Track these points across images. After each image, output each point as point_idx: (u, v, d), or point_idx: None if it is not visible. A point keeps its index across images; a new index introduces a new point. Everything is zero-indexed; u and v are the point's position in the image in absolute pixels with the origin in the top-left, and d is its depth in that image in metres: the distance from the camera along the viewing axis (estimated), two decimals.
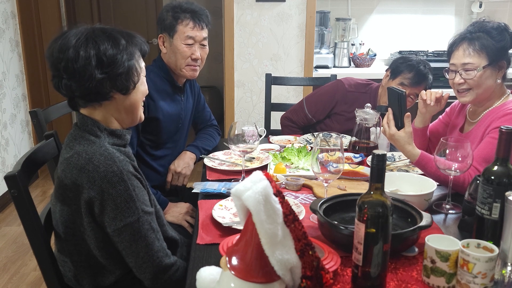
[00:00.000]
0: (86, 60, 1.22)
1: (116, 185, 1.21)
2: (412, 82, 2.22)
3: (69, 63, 1.23)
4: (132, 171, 1.27)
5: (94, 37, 1.25)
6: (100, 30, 1.28)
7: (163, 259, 1.30)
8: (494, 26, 1.70)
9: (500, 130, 1.21)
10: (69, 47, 1.23)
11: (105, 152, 1.25)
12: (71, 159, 1.24)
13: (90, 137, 1.28)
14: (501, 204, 1.19)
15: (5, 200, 3.46)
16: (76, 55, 1.22)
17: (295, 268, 0.99)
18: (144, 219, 1.26)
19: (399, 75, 2.25)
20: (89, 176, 1.21)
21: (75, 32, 1.26)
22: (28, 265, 2.75)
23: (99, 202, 1.21)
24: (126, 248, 1.26)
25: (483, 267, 1.03)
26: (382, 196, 1.03)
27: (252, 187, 0.97)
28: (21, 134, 3.80)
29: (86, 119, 1.30)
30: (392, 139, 1.74)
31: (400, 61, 2.28)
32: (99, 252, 1.29)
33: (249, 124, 1.73)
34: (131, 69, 1.29)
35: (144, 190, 1.31)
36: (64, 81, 1.26)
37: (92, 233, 1.26)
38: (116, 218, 1.23)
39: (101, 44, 1.24)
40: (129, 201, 1.23)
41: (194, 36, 1.96)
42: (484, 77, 1.69)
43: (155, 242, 1.29)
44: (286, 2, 3.58)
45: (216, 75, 5.83)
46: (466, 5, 4.04)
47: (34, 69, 4.08)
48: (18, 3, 3.75)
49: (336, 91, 2.44)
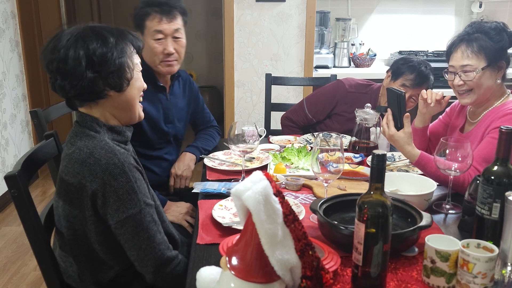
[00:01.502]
0: (76, 60, 1.23)
1: (118, 177, 1.23)
2: (414, 83, 2.22)
3: (60, 64, 1.24)
4: (133, 163, 1.29)
5: (83, 37, 1.26)
6: (90, 29, 1.29)
7: (165, 252, 1.31)
8: (492, 27, 1.70)
9: (500, 130, 1.21)
10: (60, 48, 1.25)
11: (105, 145, 1.26)
12: (73, 154, 1.26)
13: (90, 133, 1.30)
14: (501, 204, 1.19)
15: (5, 200, 3.46)
16: (66, 55, 1.24)
17: (295, 268, 0.99)
18: (146, 211, 1.28)
19: (400, 77, 2.24)
20: (91, 169, 1.22)
21: (66, 32, 1.28)
22: (28, 265, 2.75)
23: (102, 194, 1.23)
24: (128, 241, 1.27)
25: (483, 267, 1.03)
26: (382, 196, 1.03)
27: (252, 187, 0.97)
28: (21, 134, 3.80)
29: (85, 116, 1.32)
30: (391, 139, 1.74)
31: (401, 62, 2.28)
32: (99, 246, 1.30)
33: (249, 124, 1.73)
34: (123, 66, 1.30)
35: (144, 183, 1.33)
36: (58, 82, 1.27)
37: (93, 227, 1.27)
38: (118, 210, 1.24)
39: (90, 44, 1.25)
40: (131, 192, 1.25)
41: (162, 30, 1.88)
42: (484, 78, 1.69)
43: (157, 234, 1.30)
44: (286, 2, 3.58)
45: (216, 75, 5.83)
46: (466, 5, 4.04)
47: (34, 69, 4.08)
48: (18, 3, 3.75)
49: (336, 91, 2.44)
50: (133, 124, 1.42)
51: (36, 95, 4.10)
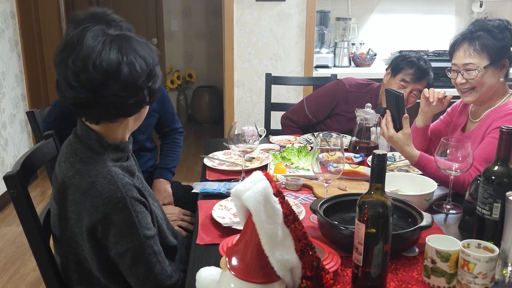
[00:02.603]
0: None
1: (119, 212, 1.17)
2: (414, 78, 2.22)
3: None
4: (135, 196, 1.22)
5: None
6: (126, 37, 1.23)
7: (163, 281, 1.27)
8: (495, 25, 1.69)
9: (501, 130, 1.21)
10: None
11: (107, 174, 1.19)
12: (73, 179, 1.20)
13: (91, 155, 1.22)
14: (502, 204, 1.19)
15: (4, 200, 3.45)
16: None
17: (295, 268, 0.98)
18: (146, 244, 1.23)
19: (400, 72, 2.25)
20: (92, 201, 1.17)
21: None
22: (28, 265, 2.75)
23: (102, 227, 1.18)
24: (126, 270, 1.24)
25: (483, 267, 1.02)
26: (383, 196, 1.03)
27: (252, 187, 0.96)
28: (20, 134, 3.79)
29: (90, 132, 1.23)
30: (390, 140, 1.74)
31: (400, 58, 2.28)
32: (99, 272, 1.26)
33: (249, 124, 1.73)
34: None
35: (147, 213, 1.26)
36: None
37: (92, 254, 1.23)
38: (117, 243, 1.20)
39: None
40: (132, 227, 1.19)
41: None
42: (486, 77, 1.69)
43: (156, 265, 1.26)
44: (286, 2, 3.58)
45: (216, 74, 5.83)
46: (466, 5, 4.04)
47: (34, 69, 4.07)
48: (18, 2, 3.74)
49: (336, 91, 2.44)
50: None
51: (36, 95, 4.10)
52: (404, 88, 2.23)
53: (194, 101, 5.79)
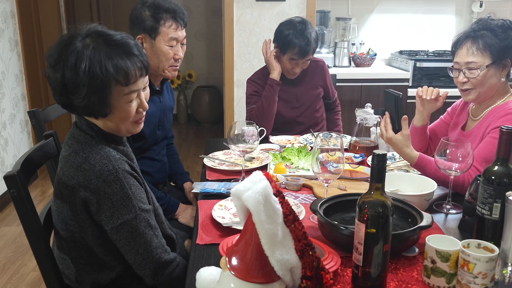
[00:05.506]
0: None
1: (112, 183, 1.22)
2: (300, 55, 2.32)
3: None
4: (128, 170, 1.28)
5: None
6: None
7: (162, 256, 1.31)
8: (499, 24, 1.69)
9: (501, 130, 1.21)
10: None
11: (101, 150, 1.26)
12: (69, 157, 1.26)
13: (87, 136, 1.29)
14: (502, 204, 1.19)
15: (5, 200, 3.45)
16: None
17: (295, 268, 0.98)
18: (141, 216, 1.27)
19: (286, 52, 2.33)
20: (85, 174, 1.22)
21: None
22: (28, 265, 2.75)
23: (96, 200, 1.23)
24: (124, 246, 1.27)
25: (483, 267, 1.02)
26: (383, 196, 1.03)
27: (252, 187, 0.97)
28: (20, 134, 3.79)
29: (86, 121, 1.32)
30: (389, 142, 1.74)
31: (283, 36, 2.33)
32: (98, 249, 1.30)
33: (249, 124, 1.73)
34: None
35: (141, 188, 1.32)
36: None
37: (90, 230, 1.27)
38: (113, 216, 1.24)
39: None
40: (126, 199, 1.24)
41: (177, 37, 1.90)
42: (488, 76, 1.69)
43: (154, 239, 1.30)
44: (286, 2, 3.58)
45: (216, 74, 5.83)
46: (466, 5, 4.04)
47: (34, 68, 4.07)
48: (18, 2, 3.74)
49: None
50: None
51: (36, 95, 4.10)
52: (295, 60, 2.34)
53: (194, 101, 5.79)
